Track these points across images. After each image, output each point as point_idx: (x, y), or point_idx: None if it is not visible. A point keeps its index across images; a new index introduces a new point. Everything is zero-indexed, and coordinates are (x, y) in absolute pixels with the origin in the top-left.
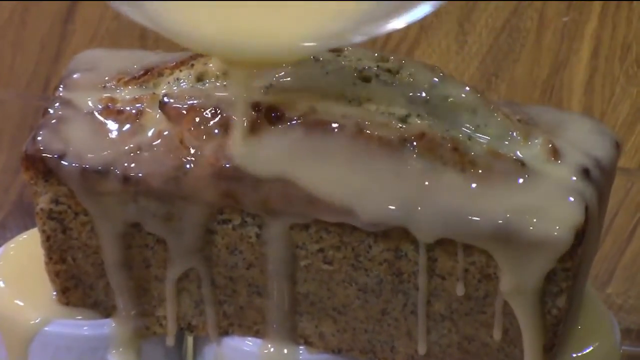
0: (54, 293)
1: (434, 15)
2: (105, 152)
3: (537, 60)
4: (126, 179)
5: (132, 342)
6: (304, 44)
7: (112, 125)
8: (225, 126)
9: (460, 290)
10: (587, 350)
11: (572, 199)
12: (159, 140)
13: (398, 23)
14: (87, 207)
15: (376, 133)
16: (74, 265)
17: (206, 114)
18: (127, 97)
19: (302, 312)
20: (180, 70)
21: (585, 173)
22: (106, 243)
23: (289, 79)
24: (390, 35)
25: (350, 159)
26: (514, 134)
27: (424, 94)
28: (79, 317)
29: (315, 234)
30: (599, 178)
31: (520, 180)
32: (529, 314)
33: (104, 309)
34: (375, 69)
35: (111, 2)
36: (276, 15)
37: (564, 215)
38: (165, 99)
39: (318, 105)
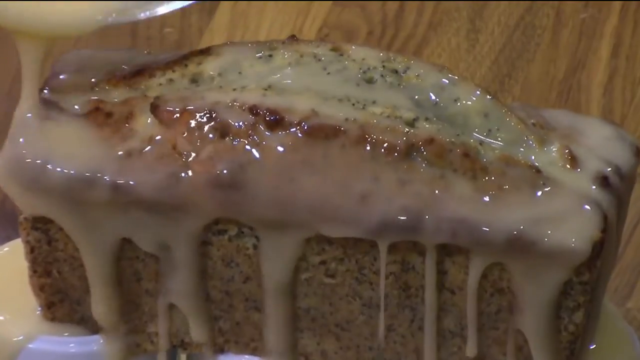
0: (39, 308)
1: (444, 11)
2: (93, 159)
3: (553, 60)
4: (115, 188)
5: None
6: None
7: (100, 129)
8: (222, 131)
9: (471, 307)
10: None
11: (589, 208)
12: (151, 146)
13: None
14: (70, 219)
15: (381, 138)
16: (59, 279)
17: (201, 117)
18: (116, 99)
19: (303, 329)
20: (173, 71)
21: (604, 181)
22: (92, 258)
23: (288, 80)
24: (396, 33)
25: (354, 166)
26: (529, 139)
27: (432, 97)
28: (65, 334)
29: (317, 246)
30: (618, 186)
31: (535, 189)
32: (544, 331)
33: (92, 325)
34: (381, 69)
35: None
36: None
37: (581, 226)
38: (157, 102)
39: (319, 109)
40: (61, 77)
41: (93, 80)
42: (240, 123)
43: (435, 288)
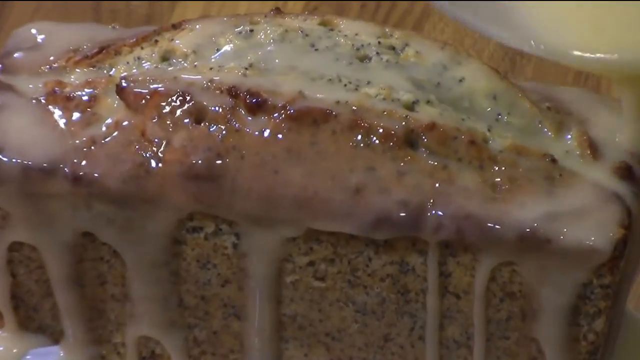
0: None
1: None
2: (52, 147)
3: None
4: (77, 179)
5: None
6: None
7: (59, 114)
8: (197, 115)
9: (478, 314)
10: None
11: (611, 202)
12: (117, 133)
13: None
14: (25, 213)
15: (377, 123)
16: (14, 283)
17: (173, 100)
18: (78, 80)
19: (289, 338)
20: (142, 48)
21: (627, 172)
22: (51, 256)
23: (271, 58)
24: (393, 6)
25: (346, 154)
26: (543, 124)
27: (433, 77)
28: (21, 345)
29: (304, 245)
30: None
31: (550, 181)
32: (560, 340)
33: (51, 335)
34: (376, 46)
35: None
36: None
37: (601, 222)
38: (124, 83)
39: (307, 90)
40: (15, 55)
41: (51, 58)
42: (218, 107)
43: (437, 292)
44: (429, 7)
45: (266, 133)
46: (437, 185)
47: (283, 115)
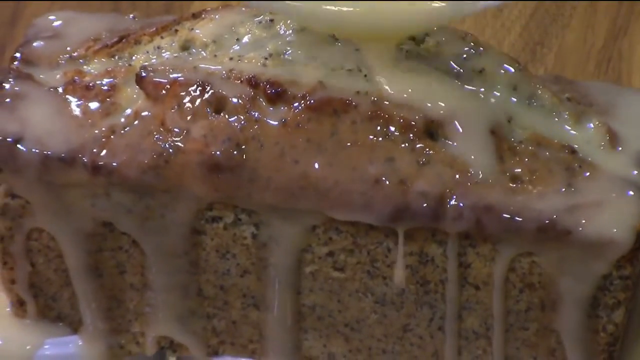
0: (9, 304)
1: None
2: (71, 137)
3: (591, 25)
4: (96, 169)
5: None
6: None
7: (79, 104)
8: (216, 105)
9: (498, 305)
10: None
11: (631, 193)
12: (136, 122)
13: None
14: (44, 202)
15: (397, 113)
16: (33, 272)
17: (193, 90)
18: (98, 70)
19: (308, 329)
20: (162, 38)
21: None
22: (70, 245)
23: (291, 48)
24: None
25: (366, 145)
26: (563, 115)
27: (454, 67)
28: (39, 334)
29: (323, 235)
30: None
31: (570, 171)
32: (579, 331)
33: (70, 324)
34: None
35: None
36: None
37: (622, 213)
38: (144, 72)
39: (327, 80)
40: (35, 44)
41: (70, 48)
42: (238, 97)
43: (457, 283)
44: None
45: (286, 123)
46: (456, 176)
47: (303, 106)
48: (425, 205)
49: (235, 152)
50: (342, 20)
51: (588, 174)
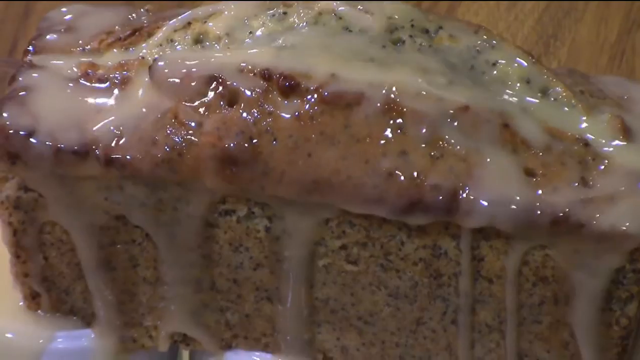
0: (22, 298)
1: None
2: (84, 130)
3: (604, 19)
4: (109, 162)
5: (116, 357)
6: None
7: (92, 96)
8: (230, 98)
9: (511, 298)
10: None
11: None
12: (149, 115)
13: None
14: (57, 195)
15: (410, 105)
16: (46, 265)
17: (206, 83)
18: (111, 62)
19: (321, 322)
20: (175, 30)
21: None
22: (83, 239)
23: (304, 40)
24: None
25: (379, 138)
26: (576, 108)
27: (467, 60)
28: (52, 327)
29: (336, 228)
30: None
31: (584, 164)
32: (592, 324)
33: (82, 318)
34: (410, 29)
35: None
36: None
37: (635, 206)
38: (157, 65)
39: (340, 73)
40: (48, 37)
41: (83, 40)
42: (251, 89)
43: (470, 276)
44: None
45: (299, 116)
46: (470, 169)
47: (316, 98)
48: (438, 198)
49: (248, 145)
50: None
51: (602, 167)
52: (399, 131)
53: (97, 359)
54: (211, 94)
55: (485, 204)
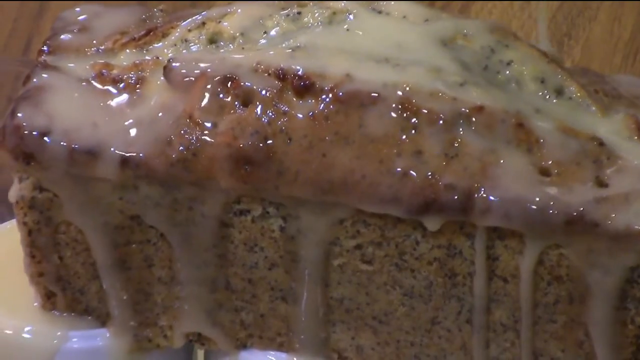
0: (37, 298)
1: None
2: (99, 130)
3: (618, 17)
4: (124, 162)
5: (131, 357)
6: None
7: (106, 96)
8: (244, 98)
9: (526, 298)
10: None
11: None
12: (164, 115)
13: None
14: (72, 195)
15: (424, 105)
16: (61, 265)
17: (221, 82)
18: (125, 62)
19: (336, 321)
20: (189, 30)
21: None
22: (97, 239)
23: (319, 40)
24: None
25: (394, 137)
26: (591, 107)
27: (481, 60)
28: (67, 327)
29: (351, 228)
30: None
31: (598, 164)
32: (607, 324)
33: (97, 317)
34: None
35: None
36: None
37: None
38: (171, 65)
39: (354, 72)
40: (62, 37)
41: (98, 41)
42: (265, 89)
43: (485, 276)
44: None
45: (314, 116)
46: (485, 168)
47: (331, 98)
48: (453, 198)
49: (263, 145)
50: None
51: (616, 166)
52: (413, 131)
53: (112, 358)
54: (226, 94)
55: (500, 203)
